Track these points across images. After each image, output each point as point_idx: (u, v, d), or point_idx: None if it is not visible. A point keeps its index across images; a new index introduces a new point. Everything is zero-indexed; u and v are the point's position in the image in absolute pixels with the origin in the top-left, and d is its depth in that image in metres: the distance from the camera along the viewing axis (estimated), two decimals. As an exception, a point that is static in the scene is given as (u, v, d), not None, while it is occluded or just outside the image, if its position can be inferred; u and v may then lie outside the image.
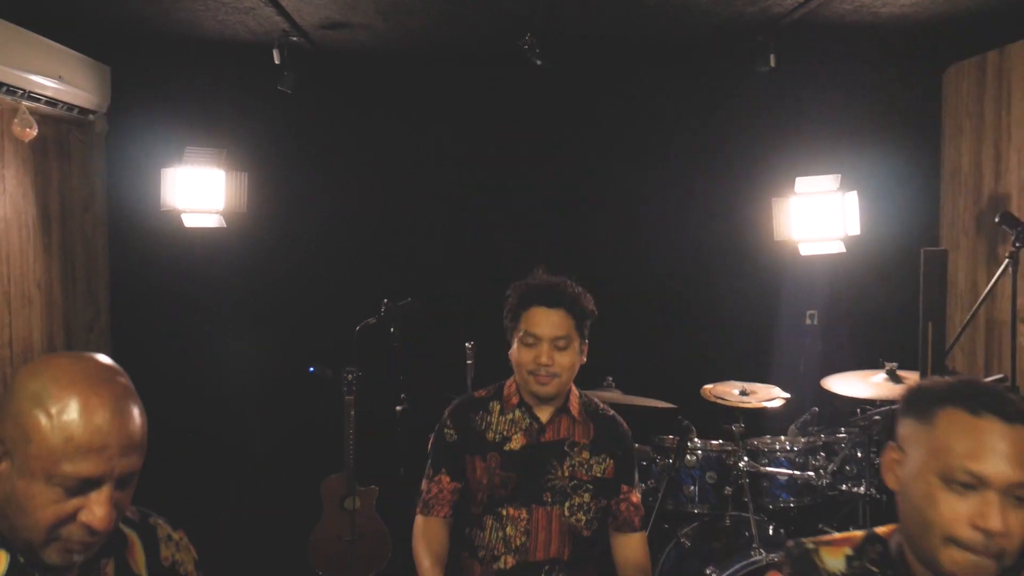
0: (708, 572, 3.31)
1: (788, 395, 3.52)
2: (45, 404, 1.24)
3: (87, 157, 4.35)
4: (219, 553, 1.70)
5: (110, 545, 1.38)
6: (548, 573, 2.45)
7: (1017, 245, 3.04)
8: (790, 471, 3.41)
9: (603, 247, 4.57)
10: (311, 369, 4.38)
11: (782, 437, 3.62)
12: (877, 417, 3.30)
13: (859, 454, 3.50)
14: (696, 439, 3.54)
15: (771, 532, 3.51)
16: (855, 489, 3.46)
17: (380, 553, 4.14)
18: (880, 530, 1.48)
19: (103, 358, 1.35)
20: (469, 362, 3.72)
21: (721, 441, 3.56)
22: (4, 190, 3.63)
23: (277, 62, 4.01)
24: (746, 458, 3.40)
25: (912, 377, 3.36)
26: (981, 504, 1.28)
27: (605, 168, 4.63)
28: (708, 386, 3.60)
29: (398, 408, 3.73)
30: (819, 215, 4.13)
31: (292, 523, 4.23)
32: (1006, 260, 3.09)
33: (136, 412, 1.30)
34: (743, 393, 3.47)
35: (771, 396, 3.43)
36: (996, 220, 3.12)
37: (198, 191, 4.21)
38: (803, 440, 3.54)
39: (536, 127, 4.63)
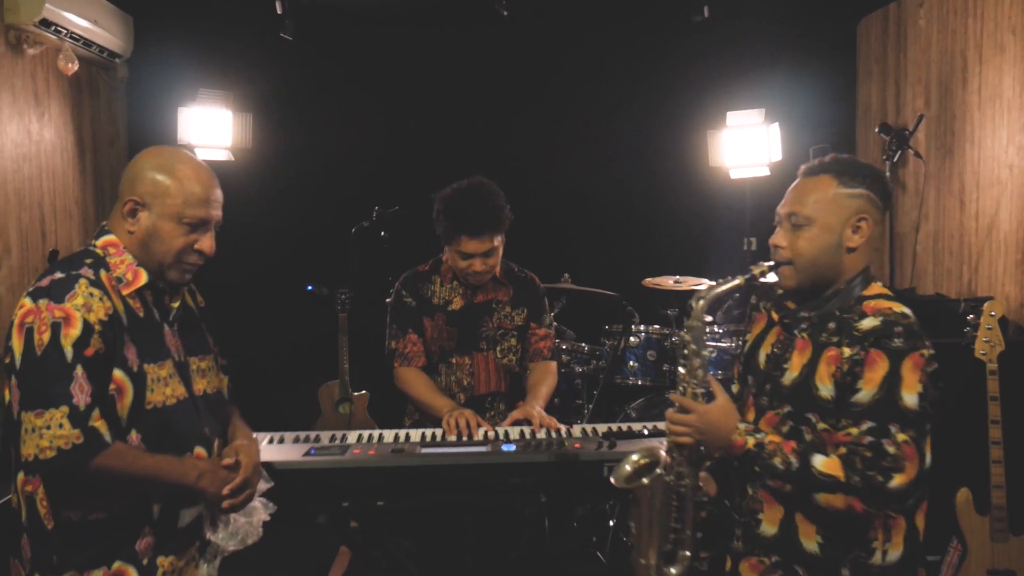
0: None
1: (714, 282, 4.17)
2: (174, 172, 1.97)
3: (112, 99, 4.92)
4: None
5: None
6: (491, 403, 3.09)
7: (893, 148, 3.71)
8: (716, 344, 4.09)
9: (567, 168, 5.15)
10: (309, 287, 4.98)
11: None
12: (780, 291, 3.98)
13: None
14: (640, 325, 4.22)
15: (702, 401, 4.19)
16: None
17: (372, 450, 4.75)
18: None
19: None
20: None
21: (658, 326, 4.24)
22: (51, 117, 4.22)
23: (279, 12, 4.60)
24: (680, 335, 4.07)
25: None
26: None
27: (568, 104, 5.23)
28: (649, 279, 4.27)
29: (387, 300, 4.36)
30: (747, 144, 4.79)
31: (293, 422, 4.78)
32: (884, 163, 3.77)
33: None
34: (676, 282, 4.14)
35: (700, 282, 4.10)
36: (876, 130, 3.77)
37: (209, 128, 4.72)
38: (727, 326, 4.23)
39: (506, 70, 5.20)
